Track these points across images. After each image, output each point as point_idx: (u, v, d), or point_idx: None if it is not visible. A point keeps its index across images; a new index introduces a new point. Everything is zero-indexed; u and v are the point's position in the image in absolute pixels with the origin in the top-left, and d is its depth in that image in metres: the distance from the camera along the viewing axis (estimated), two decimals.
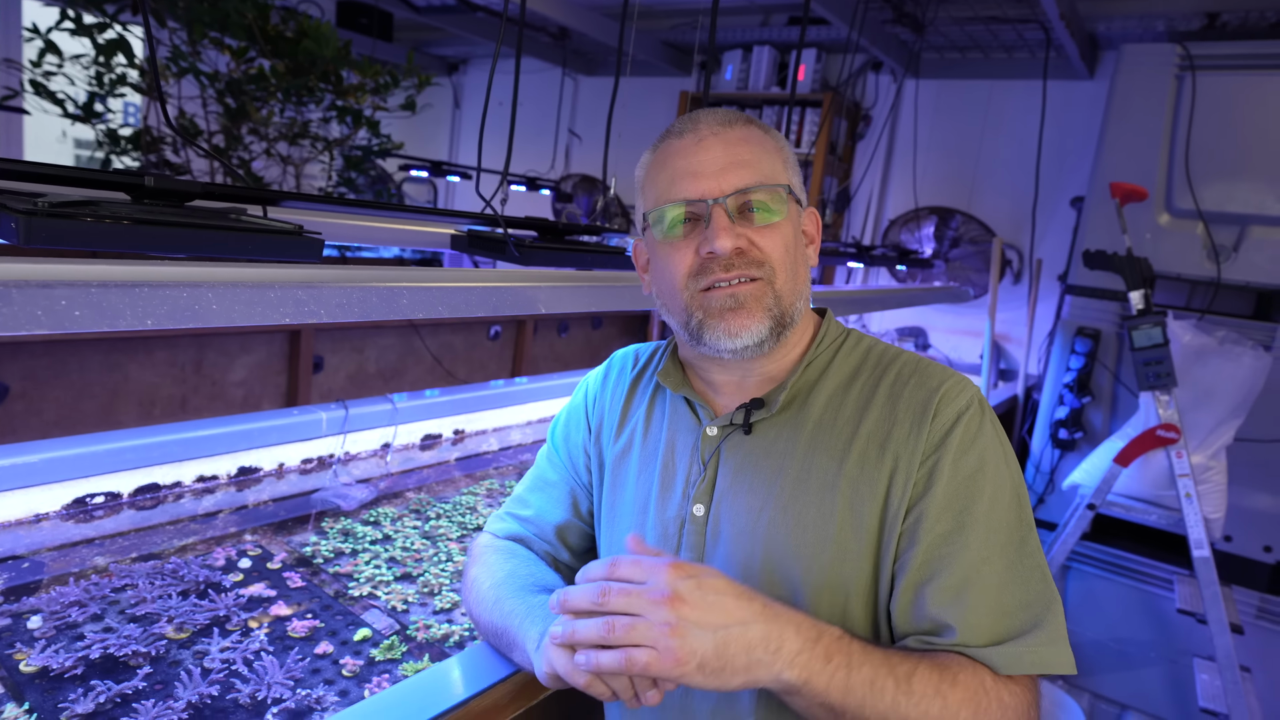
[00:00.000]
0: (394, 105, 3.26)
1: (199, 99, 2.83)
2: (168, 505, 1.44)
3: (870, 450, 0.81)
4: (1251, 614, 2.54)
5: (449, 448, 1.96)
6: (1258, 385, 2.26)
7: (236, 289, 0.68)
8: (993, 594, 0.75)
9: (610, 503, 0.99)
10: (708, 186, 0.82)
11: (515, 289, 1.02)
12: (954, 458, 0.78)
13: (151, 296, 0.61)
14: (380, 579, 1.32)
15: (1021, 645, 0.74)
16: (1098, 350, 2.79)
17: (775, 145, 0.87)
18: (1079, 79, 3.53)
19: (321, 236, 0.88)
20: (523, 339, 3.73)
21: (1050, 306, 3.48)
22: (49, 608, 1.13)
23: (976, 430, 0.80)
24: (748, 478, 0.86)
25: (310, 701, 1.00)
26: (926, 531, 0.77)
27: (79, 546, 1.29)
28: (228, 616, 1.17)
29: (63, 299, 0.56)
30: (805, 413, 0.86)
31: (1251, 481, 2.53)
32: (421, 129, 5.72)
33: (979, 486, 0.78)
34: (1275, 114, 2.48)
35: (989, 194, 3.79)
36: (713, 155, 0.83)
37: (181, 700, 0.97)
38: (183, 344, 2.58)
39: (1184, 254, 2.64)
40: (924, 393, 0.82)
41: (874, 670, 0.71)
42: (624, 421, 1.01)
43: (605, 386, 1.06)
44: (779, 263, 0.83)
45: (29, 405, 2.26)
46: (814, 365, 0.89)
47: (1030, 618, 0.76)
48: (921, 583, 0.77)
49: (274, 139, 3.01)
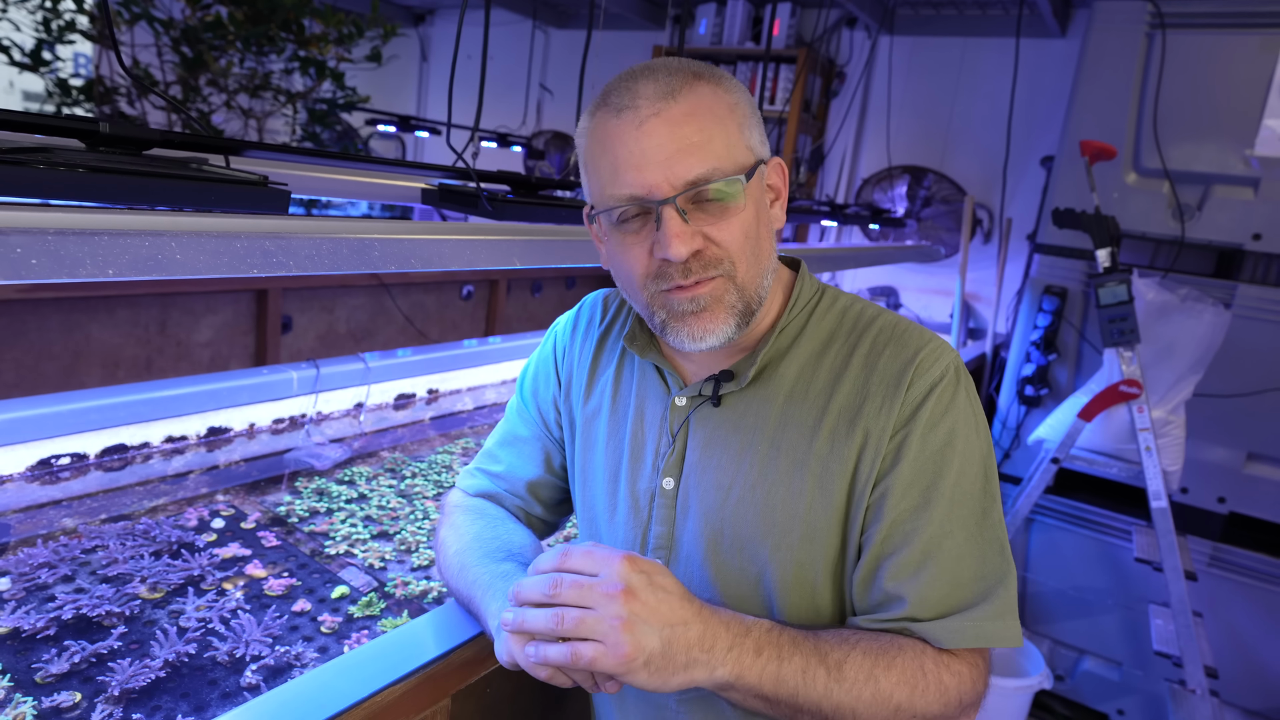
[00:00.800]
0: (359, 57, 3.16)
1: (153, 47, 2.71)
2: (136, 466, 1.42)
3: (840, 425, 0.78)
4: (1204, 562, 2.64)
5: (423, 407, 1.95)
6: (1217, 341, 2.31)
7: (201, 239, 0.65)
8: (950, 567, 0.75)
9: (582, 464, 0.98)
10: (654, 181, 0.73)
11: (490, 242, 1.00)
12: (923, 431, 0.76)
13: (112, 245, 0.59)
14: (357, 537, 1.32)
15: (966, 619, 0.74)
16: (1064, 308, 2.83)
17: (728, 105, 0.76)
18: (1051, 37, 3.52)
19: (288, 188, 0.86)
20: (496, 298, 3.69)
21: (1019, 266, 3.52)
22: (17, 570, 1.11)
23: (949, 402, 0.77)
24: (717, 453, 0.84)
25: (290, 658, 1.00)
26: (891, 507, 0.76)
27: (46, 508, 1.27)
28: (202, 576, 1.16)
29: (18, 247, 0.53)
30: (776, 384, 0.83)
31: (1208, 435, 2.60)
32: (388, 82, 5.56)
33: (947, 460, 0.76)
34: (1241, 74, 2.50)
35: (961, 153, 3.79)
36: (657, 142, 0.72)
37: (159, 659, 0.97)
38: (145, 303, 2.51)
39: (1150, 213, 2.67)
40: (898, 363, 0.78)
41: (805, 660, 0.71)
42: (593, 380, 0.97)
43: (574, 338, 1.02)
44: (739, 253, 0.76)
45: None
46: (786, 332, 0.84)
47: (981, 590, 0.75)
48: (882, 557, 0.76)
49: (234, 91, 2.91)
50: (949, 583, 0.75)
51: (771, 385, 0.83)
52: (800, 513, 0.79)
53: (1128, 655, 2.74)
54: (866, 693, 0.71)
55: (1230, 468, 2.61)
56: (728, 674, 0.69)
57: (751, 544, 0.81)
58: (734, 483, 0.82)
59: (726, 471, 0.83)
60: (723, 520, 0.82)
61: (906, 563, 0.75)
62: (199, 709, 0.90)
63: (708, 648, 0.68)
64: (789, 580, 0.80)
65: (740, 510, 0.81)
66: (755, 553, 0.81)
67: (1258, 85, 2.47)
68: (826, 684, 0.70)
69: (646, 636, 0.66)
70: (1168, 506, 2.24)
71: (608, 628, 0.65)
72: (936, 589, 0.75)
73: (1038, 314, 2.86)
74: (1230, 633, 2.64)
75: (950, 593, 0.75)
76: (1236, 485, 2.61)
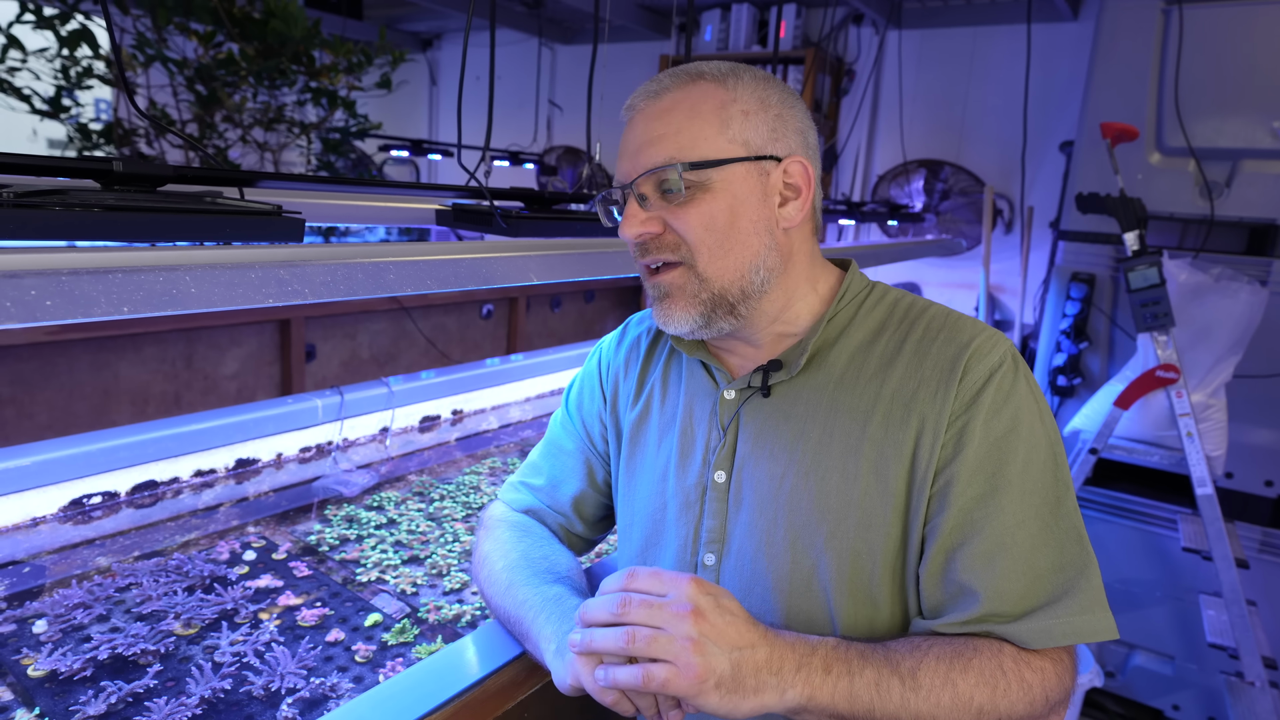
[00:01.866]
0: (369, 84, 3.19)
1: (169, 87, 2.76)
2: (167, 502, 1.42)
3: (895, 410, 0.77)
4: (1255, 548, 2.55)
5: (448, 428, 1.94)
6: (1255, 321, 2.25)
7: (215, 271, 0.65)
8: (1024, 558, 0.72)
9: (629, 470, 0.97)
10: (625, 169, 0.81)
11: (505, 259, 0.99)
12: (985, 418, 0.74)
13: (126, 283, 0.58)
14: (388, 563, 1.31)
15: (1052, 617, 0.72)
16: (1093, 295, 2.77)
17: (719, 102, 0.79)
18: (1063, 20, 3.47)
19: (302, 216, 0.85)
20: (516, 316, 3.69)
21: (1043, 254, 3.46)
22: (53, 611, 1.12)
23: (1010, 388, 0.75)
24: (768, 443, 0.83)
25: (325, 689, 0.99)
26: (958, 495, 0.73)
27: (79, 548, 1.27)
28: (236, 610, 1.15)
29: (32, 289, 0.53)
30: (826, 372, 0.82)
31: (1251, 417, 2.53)
32: (399, 107, 5.63)
33: (1012, 447, 0.74)
34: (1263, 45, 2.44)
35: (977, 144, 3.75)
36: (634, 134, 0.80)
37: (194, 696, 0.96)
38: (171, 339, 2.54)
39: (1176, 192, 2.61)
40: (953, 348, 0.78)
41: (876, 672, 0.69)
42: (640, 387, 0.98)
43: (619, 352, 1.03)
44: (698, 242, 0.78)
45: (20, 410, 2.23)
46: (835, 322, 0.85)
47: (1062, 582, 0.73)
48: (952, 548, 0.74)
49: (249, 125, 2.94)
50: (1026, 574, 0.72)
51: (821, 374, 0.83)
52: (855, 498, 0.77)
53: (1180, 648, 2.66)
54: (945, 698, 0.68)
55: (1276, 450, 2.53)
56: (799, 695, 0.67)
57: (806, 532, 0.79)
58: (786, 471, 0.81)
59: (779, 461, 0.81)
60: (776, 509, 0.81)
61: (978, 553, 0.73)
62: None
63: (776, 670, 0.67)
64: (845, 572, 0.77)
65: (794, 498, 0.80)
66: (810, 542, 0.78)
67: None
68: (902, 694, 0.68)
69: (716, 658, 0.65)
70: (1214, 493, 2.17)
71: (679, 648, 0.64)
72: (1013, 581, 0.72)
73: (1066, 302, 2.80)
74: None
75: (1029, 586, 0.72)
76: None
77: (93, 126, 2.77)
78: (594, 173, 2.23)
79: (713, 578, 0.86)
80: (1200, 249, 2.58)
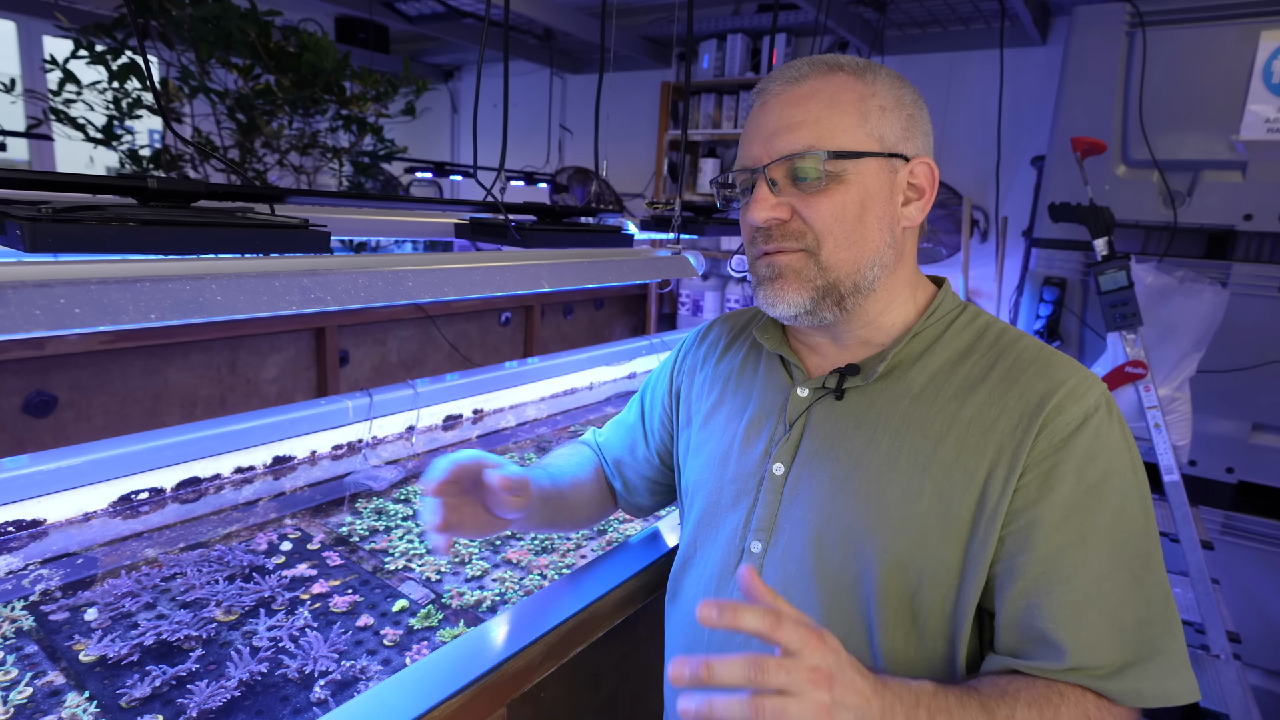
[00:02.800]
0: (395, 112, 3.17)
1: (212, 116, 2.74)
2: (209, 497, 1.40)
3: (971, 437, 0.69)
4: (1217, 530, 2.51)
5: (469, 426, 1.92)
6: (1217, 319, 2.21)
7: (240, 280, 0.62)
8: (1112, 612, 0.65)
9: (697, 451, 0.93)
10: (757, 153, 0.74)
11: (517, 267, 0.97)
12: (1079, 464, 0.66)
13: (154, 291, 0.56)
14: (414, 552, 1.29)
15: (1142, 678, 0.65)
16: (1064, 297, 2.73)
17: (858, 94, 0.73)
18: (1033, 45, 3.43)
19: (327, 229, 0.83)
20: (532, 322, 3.68)
21: (1017, 261, 3.42)
22: (103, 600, 1.10)
23: (1106, 435, 0.68)
24: (834, 444, 0.76)
25: (355, 672, 0.97)
26: (1044, 540, 0.66)
27: (128, 540, 1.25)
28: (273, 597, 1.13)
29: (61, 297, 0.51)
30: (904, 385, 0.75)
31: (1213, 409, 2.49)
32: (423, 133, 5.62)
33: (1104, 497, 0.66)
34: (1221, 63, 2.40)
35: (955, 159, 3.71)
36: (769, 118, 0.74)
37: (234, 679, 0.94)
38: (217, 347, 2.53)
39: (1141, 202, 2.57)
40: (1044, 384, 0.69)
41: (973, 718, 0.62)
42: (715, 378, 0.95)
43: (700, 348, 1.01)
44: (825, 231, 0.72)
45: (78, 413, 2.21)
46: (921, 337, 0.78)
47: (1148, 640, 0.66)
48: (1035, 593, 0.66)
49: (285, 150, 2.92)
50: (1112, 630, 0.65)
51: (900, 386, 0.76)
52: (915, 515, 0.70)
53: None
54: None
55: (1237, 439, 2.49)
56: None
57: (858, 538, 0.72)
58: (849, 475, 0.74)
59: (843, 464, 0.75)
60: (833, 510, 0.74)
61: (1065, 603, 0.65)
62: None
63: (890, 715, 0.59)
64: (890, 586, 0.71)
65: (853, 503, 0.73)
66: (859, 549, 0.72)
67: (1239, 74, 2.37)
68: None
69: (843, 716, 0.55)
70: (1180, 479, 2.13)
71: (811, 716, 0.53)
72: (1100, 636, 0.65)
73: (1039, 304, 2.77)
74: (1246, 597, 2.51)
75: (1116, 641, 0.65)
76: (1244, 455, 2.49)
77: (143, 153, 2.76)
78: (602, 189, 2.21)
79: (757, 564, 0.80)
80: (1164, 254, 2.54)
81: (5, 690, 0.90)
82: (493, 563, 1.27)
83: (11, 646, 0.99)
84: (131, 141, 2.71)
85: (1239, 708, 1.99)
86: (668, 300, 4.26)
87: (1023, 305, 2.89)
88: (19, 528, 1.18)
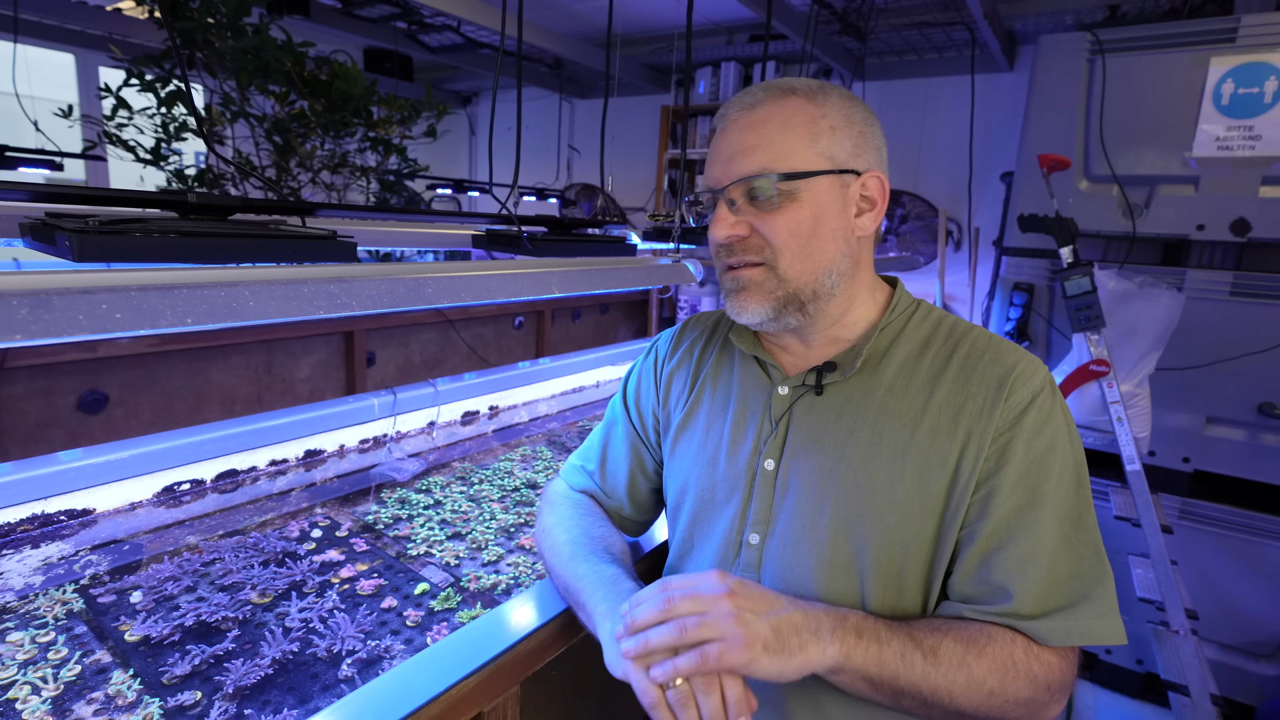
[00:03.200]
0: (417, 134, 3.16)
1: (250, 139, 2.73)
2: (246, 487, 1.38)
3: (943, 422, 0.72)
4: (1175, 515, 2.48)
5: (486, 422, 1.90)
6: (1174, 321, 2.18)
7: (272, 286, 0.61)
8: (1049, 565, 0.68)
9: (680, 455, 0.90)
10: (718, 175, 0.75)
11: (530, 274, 0.95)
12: (1028, 437, 0.69)
13: (190, 297, 0.55)
14: (434, 539, 1.27)
15: (1070, 619, 0.67)
16: (1032, 301, 2.71)
17: (809, 117, 0.73)
18: (1001, 71, 3.41)
19: (354, 240, 0.81)
20: (543, 326, 3.66)
21: (988, 268, 3.40)
22: (147, 583, 1.08)
23: (1049, 412, 0.71)
24: (819, 438, 0.77)
25: (380, 651, 0.95)
26: (998, 506, 0.69)
27: (171, 528, 1.23)
28: (304, 580, 1.11)
29: (103, 303, 0.49)
30: (877, 378, 0.76)
31: (1171, 404, 2.46)
32: (443, 153, 5.61)
33: (1049, 465, 0.69)
34: (1175, 86, 2.38)
35: (930, 175, 3.69)
36: (728, 142, 0.74)
37: (267, 657, 0.92)
38: (255, 349, 2.51)
39: (1102, 213, 2.54)
40: (999, 370, 0.72)
41: (902, 644, 0.65)
42: (693, 381, 0.91)
43: (676, 348, 0.96)
44: (782, 246, 0.73)
45: (127, 410, 2.20)
46: (887, 331, 0.79)
47: (1079, 589, 0.68)
48: (988, 551, 0.69)
49: (318, 170, 2.91)
50: (1048, 580, 0.68)
51: (873, 379, 0.77)
52: (898, 497, 0.72)
53: None
54: (961, 677, 0.64)
55: (1192, 431, 2.46)
56: (836, 653, 0.63)
57: (850, 521, 0.73)
58: (836, 465, 0.75)
59: (829, 455, 0.75)
60: (824, 498, 0.75)
61: (1013, 558, 0.68)
62: (303, 702, 0.85)
63: (814, 630, 0.63)
64: (881, 560, 0.72)
65: (842, 491, 0.74)
66: (852, 532, 0.73)
67: (1192, 96, 2.34)
68: (924, 667, 0.64)
69: (757, 625, 0.62)
70: (1141, 469, 2.10)
71: (724, 624, 0.61)
72: (1037, 585, 0.68)
73: (1009, 308, 2.74)
74: (1203, 577, 2.48)
75: (1048, 590, 0.68)
76: (1198, 446, 2.46)
77: (188, 172, 2.74)
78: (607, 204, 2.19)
79: (756, 556, 0.80)
80: (1124, 261, 2.52)
81: (56, 668, 0.89)
82: (507, 549, 1.25)
83: (62, 627, 0.97)
84: (178, 162, 2.70)
85: (1197, 679, 1.97)
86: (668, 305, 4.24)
87: (994, 309, 2.87)
88: (70, 516, 1.17)
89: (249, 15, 2.51)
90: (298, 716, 0.81)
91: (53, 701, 0.83)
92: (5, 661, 0.89)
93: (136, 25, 3.57)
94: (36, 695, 0.84)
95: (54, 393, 2.03)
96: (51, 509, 1.14)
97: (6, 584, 1.04)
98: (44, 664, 0.89)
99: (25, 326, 0.44)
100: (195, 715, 0.82)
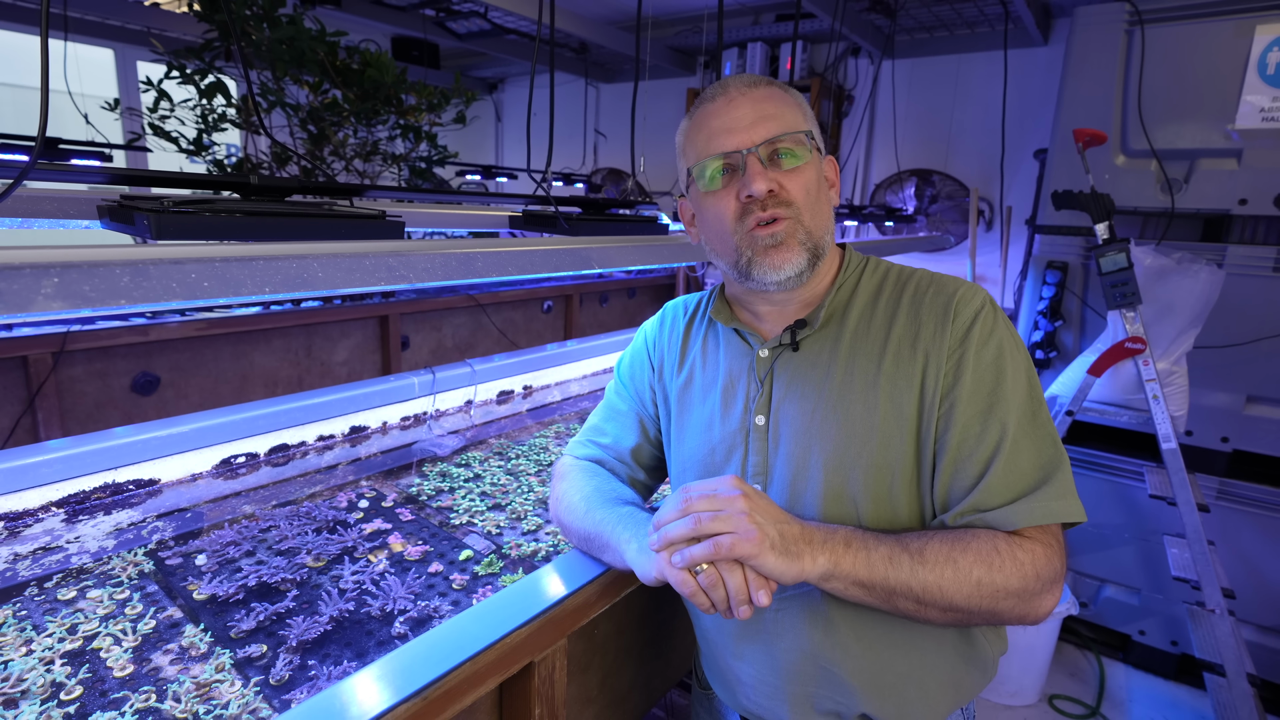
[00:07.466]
0: (446, 120, 3.20)
1: (286, 128, 2.80)
2: (296, 461, 1.45)
3: (903, 350, 0.79)
4: (1213, 496, 2.44)
5: (520, 401, 1.95)
6: (1213, 298, 2.14)
7: (337, 259, 0.65)
8: (1010, 459, 0.74)
9: (679, 426, 0.96)
10: (741, 139, 0.79)
11: (570, 250, 0.98)
12: (976, 349, 0.76)
13: (267, 268, 0.59)
14: (475, 510, 1.32)
15: (1032, 501, 0.72)
16: (1066, 280, 2.67)
17: (795, 101, 0.83)
18: (1035, 45, 3.33)
19: (402, 219, 0.85)
20: (571, 309, 3.70)
21: (1020, 248, 3.35)
22: (211, 548, 1.15)
23: (992, 324, 0.78)
24: (799, 386, 0.83)
25: (429, 610, 1.00)
26: (960, 414, 0.75)
27: (229, 499, 1.30)
28: (354, 547, 1.17)
29: (192, 273, 0.54)
30: (842, 327, 0.84)
31: (1209, 383, 2.41)
32: (471, 140, 5.66)
33: (1000, 370, 0.76)
34: (1216, 57, 2.31)
35: (961, 154, 3.63)
36: (743, 112, 0.80)
37: (325, 615, 0.98)
38: (295, 333, 2.60)
39: (1140, 189, 2.49)
40: (943, 298, 0.80)
41: (889, 549, 0.71)
42: (683, 359, 0.97)
43: (662, 331, 1.02)
44: (803, 201, 0.80)
45: (177, 392, 2.30)
46: (844, 288, 0.87)
47: (1040, 476, 0.74)
48: (959, 459, 0.75)
49: (351, 157, 2.97)
50: (1011, 472, 0.73)
51: (839, 328, 0.84)
52: (876, 423, 0.78)
53: (1145, 582, 2.56)
54: (948, 571, 0.70)
55: (1231, 410, 2.41)
56: (826, 562, 0.70)
57: (838, 453, 0.79)
58: (817, 407, 0.81)
59: (810, 399, 0.82)
60: (810, 438, 0.81)
61: (978, 459, 0.74)
62: (360, 655, 0.90)
63: (808, 541, 0.70)
64: (870, 484, 0.78)
65: (825, 428, 0.80)
66: (840, 463, 0.79)
67: (1234, 66, 2.28)
68: (911, 566, 0.70)
69: (766, 526, 0.68)
70: (1177, 447, 2.08)
71: (737, 520, 0.67)
72: (1001, 478, 0.73)
73: (1043, 287, 2.70)
74: (1240, 558, 2.44)
75: (1013, 480, 0.73)
76: (1238, 425, 2.41)
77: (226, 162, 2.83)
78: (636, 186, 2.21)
79: None
80: (1162, 238, 2.47)
81: (133, 622, 0.96)
82: (545, 518, 1.30)
83: (135, 586, 1.04)
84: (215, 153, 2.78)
85: (1233, 659, 1.95)
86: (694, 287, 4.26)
87: (1026, 288, 2.83)
88: (138, 486, 1.24)
89: (284, 6, 2.57)
90: (357, 667, 0.86)
91: (133, 651, 0.90)
92: (88, 615, 0.96)
93: (174, 19, 3.66)
94: (118, 645, 0.91)
95: (110, 374, 2.13)
96: (121, 479, 1.21)
97: (83, 547, 1.11)
98: (122, 619, 0.96)
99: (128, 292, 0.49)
100: (262, 665, 0.88)
